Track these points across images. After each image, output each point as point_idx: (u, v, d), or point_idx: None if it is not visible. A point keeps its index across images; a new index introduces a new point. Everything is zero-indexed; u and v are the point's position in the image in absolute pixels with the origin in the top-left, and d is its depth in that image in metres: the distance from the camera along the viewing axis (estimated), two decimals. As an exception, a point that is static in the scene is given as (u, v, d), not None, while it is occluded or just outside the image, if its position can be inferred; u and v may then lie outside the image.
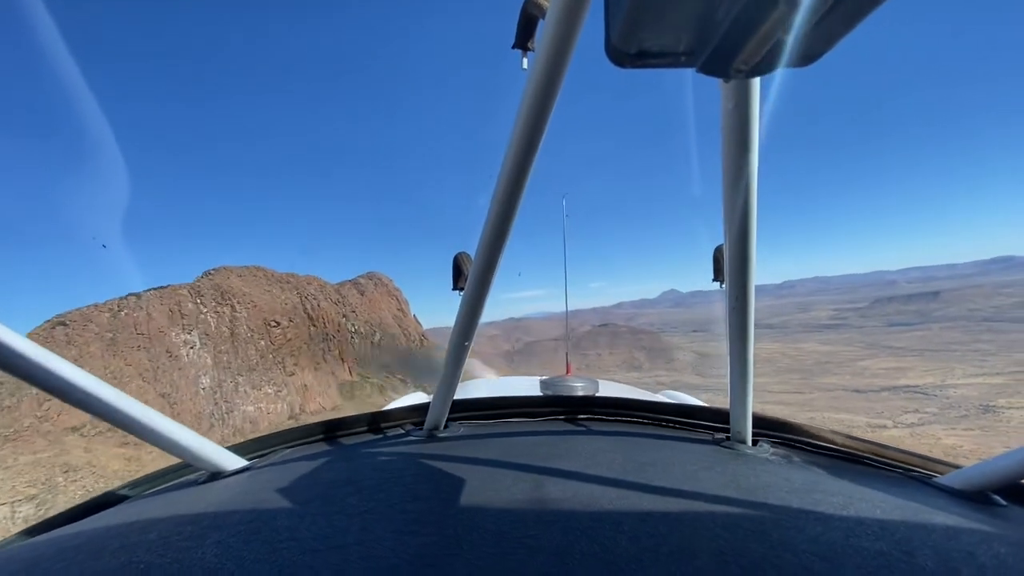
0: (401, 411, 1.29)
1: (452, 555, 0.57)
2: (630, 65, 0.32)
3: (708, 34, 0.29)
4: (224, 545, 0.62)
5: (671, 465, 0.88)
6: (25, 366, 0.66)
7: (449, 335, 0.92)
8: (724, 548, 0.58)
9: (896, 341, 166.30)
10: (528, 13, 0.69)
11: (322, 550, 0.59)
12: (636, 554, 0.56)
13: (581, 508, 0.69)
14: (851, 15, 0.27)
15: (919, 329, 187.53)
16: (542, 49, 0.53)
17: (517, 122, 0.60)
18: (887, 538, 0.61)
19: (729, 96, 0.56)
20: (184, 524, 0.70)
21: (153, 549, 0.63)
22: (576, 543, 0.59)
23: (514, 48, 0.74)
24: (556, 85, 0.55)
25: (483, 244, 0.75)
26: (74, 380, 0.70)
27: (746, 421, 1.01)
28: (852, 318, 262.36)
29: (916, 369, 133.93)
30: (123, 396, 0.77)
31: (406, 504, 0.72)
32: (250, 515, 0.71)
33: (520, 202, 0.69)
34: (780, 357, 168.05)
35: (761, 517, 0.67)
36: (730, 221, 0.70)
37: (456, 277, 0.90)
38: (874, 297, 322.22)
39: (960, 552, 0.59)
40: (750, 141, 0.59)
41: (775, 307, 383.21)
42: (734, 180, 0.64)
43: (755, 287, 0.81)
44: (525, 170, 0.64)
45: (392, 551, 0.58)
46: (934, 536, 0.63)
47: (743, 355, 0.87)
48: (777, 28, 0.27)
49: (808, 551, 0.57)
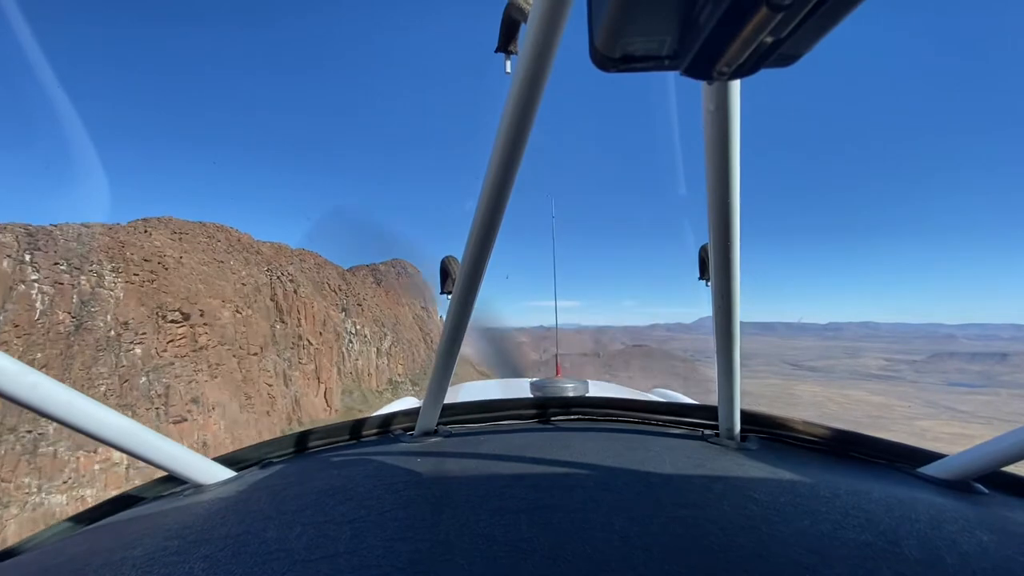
0: (391, 416, 1.28)
1: (444, 561, 0.57)
2: (614, 69, 0.32)
3: (691, 37, 0.28)
4: (212, 559, 0.61)
5: (661, 463, 0.89)
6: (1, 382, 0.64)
7: (480, 342, 0.73)
8: (714, 543, 0.59)
9: (959, 403, 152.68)
10: (510, 17, 0.69)
11: (312, 560, 0.59)
12: (627, 554, 0.57)
13: (572, 509, 0.70)
14: (830, 16, 0.27)
15: (984, 392, 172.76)
16: (525, 53, 0.53)
17: (501, 125, 0.60)
18: (873, 529, 0.63)
19: (711, 98, 0.57)
20: (170, 539, 0.69)
21: (139, 566, 0.62)
22: (567, 544, 0.60)
23: (497, 52, 0.74)
24: (539, 88, 0.55)
25: (470, 248, 0.75)
26: (53, 394, 0.69)
27: (734, 417, 1.02)
28: (906, 371, 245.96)
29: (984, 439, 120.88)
30: (105, 409, 0.76)
31: (397, 510, 0.71)
32: (238, 527, 0.70)
33: (506, 206, 0.69)
34: (826, 402, 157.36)
35: (750, 512, 0.68)
36: (714, 221, 0.71)
37: (444, 281, 0.90)
38: (930, 351, 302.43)
39: (944, 540, 0.61)
40: (732, 142, 0.60)
41: (820, 349, 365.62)
42: (717, 180, 0.65)
43: (800, 324, 0.98)
44: (511, 174, 0.65)
45: (383, 559, 0.58)
46: (918, 525, 0.65)
47: (729, 352, 0.88)
48: (759, 30, 0.27)
49: (796, 544, 0.59)
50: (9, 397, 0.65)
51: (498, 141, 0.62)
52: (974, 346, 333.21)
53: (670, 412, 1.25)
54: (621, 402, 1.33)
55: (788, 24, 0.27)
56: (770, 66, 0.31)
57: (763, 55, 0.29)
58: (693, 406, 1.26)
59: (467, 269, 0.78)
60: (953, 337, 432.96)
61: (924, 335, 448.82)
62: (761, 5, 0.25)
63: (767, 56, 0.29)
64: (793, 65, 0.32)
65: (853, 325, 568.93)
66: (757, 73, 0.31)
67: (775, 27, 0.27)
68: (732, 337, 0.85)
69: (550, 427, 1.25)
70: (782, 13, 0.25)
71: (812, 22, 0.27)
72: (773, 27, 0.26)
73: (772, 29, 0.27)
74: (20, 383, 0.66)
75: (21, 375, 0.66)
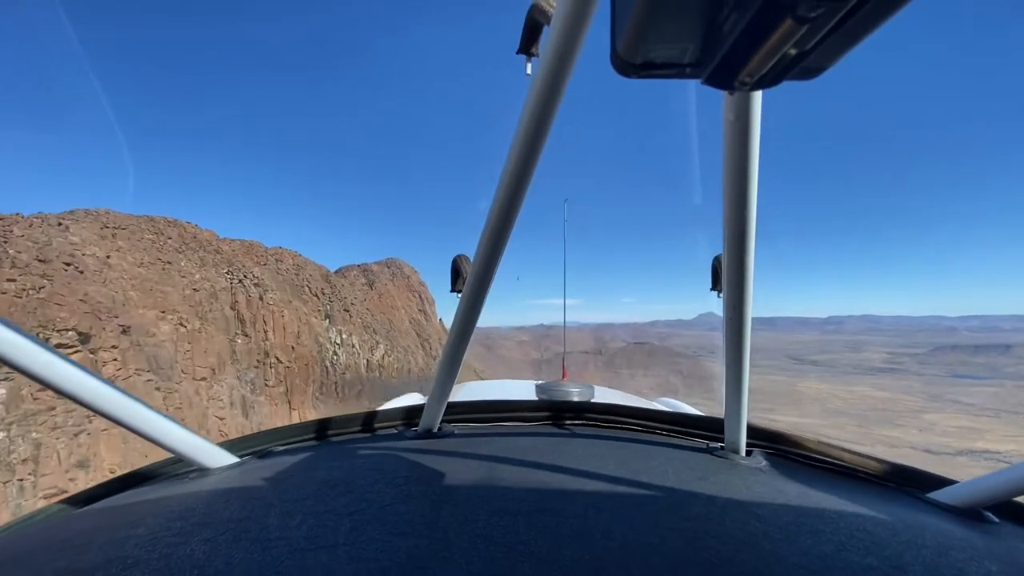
0: (396, 411, 1.28)
1: (442, 558, 0.58)
2: (635, 75, 0.32)
3: (714, 46, 0.28)
4: (212, 543, 0.62)
5: (664, 473, 0.89)
6: (13, 355, 0.67)
7: (481, 343, 0.72)
8: (714, 558, 0.58)
9: (964, 396, 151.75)
10: (533, 19, 0.70)
11: (311, 550, 0.59)
12: (625, 561, 0.57)
13: (572, 514, 0.70)
14: (857, 30, 0.27)
15: (989, 384, 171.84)
16: (546, 56, 0.53)
17: (519, 127, 0.60)
18: (877, 553, 0.62)
19: (731, 108, 0.57)
20: (173, 520, 0.70)
21: (141, 544, 0.63)
22: (566, 549, 0.60)
23: (518, 53, 0.74)
24: (559, 91, 0.55)
25: (482, 248, 0.75)
26: (65, 371, 0.71)
27: (740, 431, 1.01)
28: (909, 363, 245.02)
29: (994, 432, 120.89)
30: (114, 388, 0.78)
31: (398, 505, 0.72)
32: (240, 512, 0.71)
33: (520, 207, 0.69)
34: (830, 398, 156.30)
35: (752, 528, 0.67)
36: (729, 232, 0.70)
37: (455, 279, 0.91)
38: (933, 343, 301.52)
39: (950, 569, 0.60)
40: (751, 153, 0.60)
41: (821, 343, 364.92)
42: (734, 191, 0.65)
43: (801, 319, 0.86)
44: (527, 175, 0.65)
45: (382, 552, 0.59)
46: (924, 552, 0.63)
47: (738, 365, 0.87)
48: (783, 42, 0.26)
49: (798, 564, 0.58)
50: (28, 373, 0.69)
51: (515, 142, 0.62)
52: (976, 338, 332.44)
53: (676, 423, 1.24)
54: (627, 410, 1.32)
55: (813, 37, 0.26)
56: (793, 78, 0.31)
57: (786, 67, 0.29)
58: (699, 418, 1.26)
59: (478, 268, 0.78)
60: (955, 329, 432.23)
61: (926, 328, 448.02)
62: (786, 17, 0.25)
63: (790, 68, 0.29)
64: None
65: (854, 318, 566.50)
66: (779, 85, 0.31)
67: (800, 39, 0.26)
68: (742, 349, 0.85)
69: (554, 431, 1.24)
70: (807, 26, 0.25)
71: (837, 36, 0.27)
72: (798, 39, 0.26)
73: (797, 41, 0.26)
74: (37, 360, 0.68)
75: (38, 353, 0.68)
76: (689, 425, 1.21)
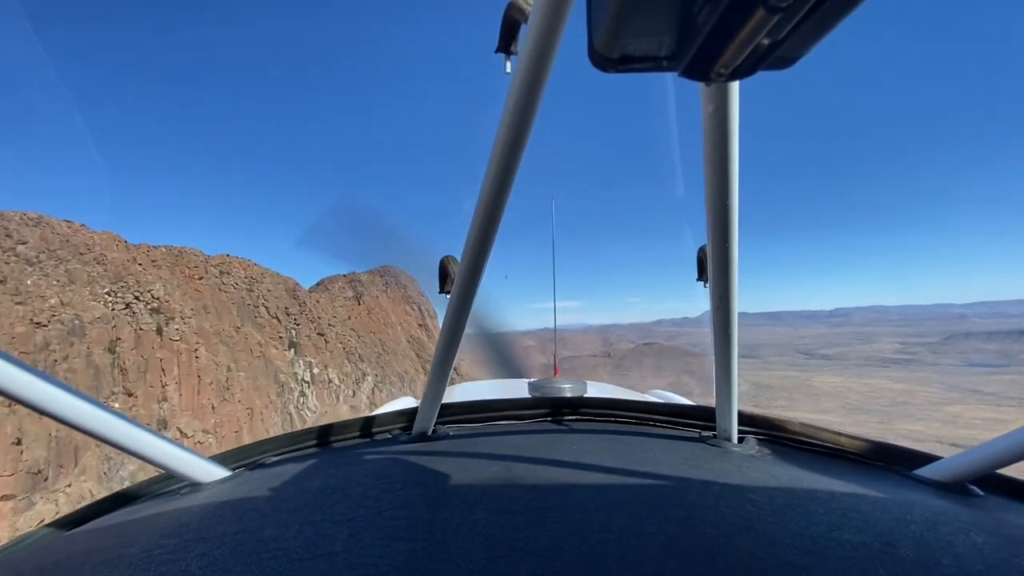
0: (389, 416, 1.27)
1: (441, 560, 0.57)
2: (613, 70, 0.32)
3: (689, 38, 0.28)
4: (209, 557, 0.61)
5: (659, 464, 0.90)
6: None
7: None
8: (710, 544, 0.60)
9: (983, 385, 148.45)
10: (510, 17, 0.70)
11: (309, 559, 0.59)
12: (624, 553, 0.58)
13: (570, 509, 0.70)
14: (828, 18, 0.27)
15: (1007, 372, 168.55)
16: (525, 53, 0.53)
17: (501, 125, 0.61)
18: (868, 531, 0.64)
19: (709, 99, 0.57)
20: (167, 537, 0.69)
21: (135, 564, 0.62)
22: (565, 544, 0.60)
23: (497, 52, 0.74)
24: (540, 89, 0.56)
25: (469, 248, 0.76)
26: (50, 392, 0.70)
27: (731, 419, 1.03)
28: (923, 353, 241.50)
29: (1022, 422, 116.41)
30: (102, 407, 0.76)
31: (395, 510, 0.72)
32: (235, 526, 0.70)
33: (505, 206, 0.70)
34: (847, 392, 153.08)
35: (746, 513, 0.69)
36: (713, 222, 0.71)
37: (443, 281, 0.91)
38: (944, 331, 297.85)
39: (939, 542, 0.62)
40: (730, 144, 0.60)
41: (830, 336, 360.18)
42: (716, 182, 0.66)
43: (807, 312, 0.88)
44: (511, 174, 0.65)
45: (381, 558, 0.58)
46: (914, 527, 0.65)
47: (727, 354, 0.89)
48: (756, 32, 0.27)
49: (792, 545, 0.59)
50: (8, 394, 0.66)
51: (497, 142, 0.62)
52: (987, 324, 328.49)
53: (668, 413, 1.26)
54: (619, 403, 1.34)
55: (785, 26, 0.27)
56: (768, 68, 0.31)
57: (760, 57, 0.29)
58: (691, 407, 1.28)
59: (466, 269, 0.78)
60: (964, 317, 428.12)
61: (934, 316, 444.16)
62: (758, 6, 0.25)
63: (765, 58, 0.29)
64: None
65: (861, 309, 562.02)
66: (756, 75, 0.31)
67: (772, 29, 0.27)
68: (730, 338, 0.86)
69: (549, 428, 1.25)
70: (779, 15, 0.26)
71: (809, 24, 0.27)
72: (770, 29, 0.27)
73: (769, 31, 0.27)
74: (18, 381, 0.66)
75: (18, 373, 0.66)
76: (682, 415, 1.23)
